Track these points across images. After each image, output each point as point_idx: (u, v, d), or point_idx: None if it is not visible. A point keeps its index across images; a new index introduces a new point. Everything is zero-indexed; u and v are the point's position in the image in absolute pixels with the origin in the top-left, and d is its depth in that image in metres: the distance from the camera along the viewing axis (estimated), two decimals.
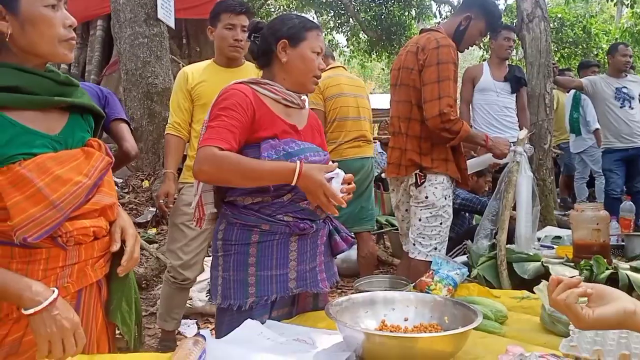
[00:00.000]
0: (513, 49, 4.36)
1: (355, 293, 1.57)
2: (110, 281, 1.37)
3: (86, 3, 6.92)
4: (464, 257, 2.55)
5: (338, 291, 3.86)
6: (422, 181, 2.51)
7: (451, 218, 2.58)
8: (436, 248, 2.51)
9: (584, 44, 11.62)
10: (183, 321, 3.07)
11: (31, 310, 1.08)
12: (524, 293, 1.84)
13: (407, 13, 12.62)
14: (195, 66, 2.81)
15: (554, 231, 3.13)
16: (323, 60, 1.71)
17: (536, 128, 4.25)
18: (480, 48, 11.54)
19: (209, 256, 1.77)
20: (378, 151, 6.13)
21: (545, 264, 2.09)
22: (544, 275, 2.02)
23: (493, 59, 4.21)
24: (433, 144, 2.51)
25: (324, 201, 1.47)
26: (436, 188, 2.50)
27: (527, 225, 2.34)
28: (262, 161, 1.51)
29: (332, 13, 13.49)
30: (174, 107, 2.72)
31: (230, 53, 2.66)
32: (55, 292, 1.12)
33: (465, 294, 1.83)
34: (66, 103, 1.28)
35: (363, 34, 13.53)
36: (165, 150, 2.82)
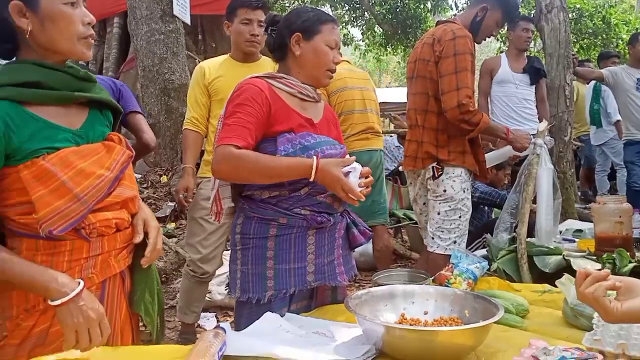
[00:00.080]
0: (531, 40, 4.30)
1: (374, 286, 1.57)
2: (133, 273, 1.39)
3: (103, 0, 6.99)
4: (484, 251, 2.54)
5: (356, 285, 3.86)
6: (440, 174, 2.49)
7: (470, 211, 2.55)
8: (455, 242, 2.49)
9: (604, 35, 11.39)
10: (202, 314, 3.10)
11: (58, 301, 1.11)
12: (545, 287, 1.82)
13: (423, 6, 12.49)
14: (212, 61, 2.82)
15: (575, 224, 3.09)
16: None
17: (556, 120, 4.19)
18: (497, 40, 11.39)
19: (228, 250, 1.78)
20: (395, 145, 6.10)
21: (566, 258, 2.06)
22: (566, 268, 2.00)
23: (511, 51, 4.14)
24: (450, 137, 2.49)
25: (343, 196, 1.49)
26: (454, 181, 2.48)
27: (548, 218, 2.32)
28: (279, 158, 1.50)
29: (347, 7, 13.41)
30: (192, 103, 2.74)
31: (246, 48, 2.67)
32: (81, 284, 1.14)
33: (485, 288, 1.81)
34: (86, 98, 1.29)
35: (378, 28, 13.44)
36: (183, 145, 2.84)
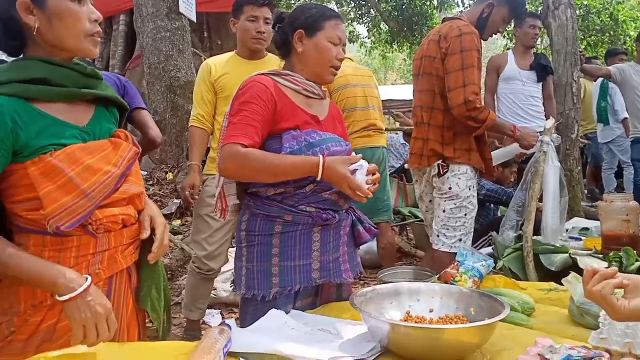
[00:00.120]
0: (538, 37, 4.27)
1: (379, 284, 1.57)
2: (139, 269, 1.40)
3: None
4: (489, 249, 2.53)
5: (361, 282, 3.86)
6: (445, 171, 2.48)
7: (476, 209, 2.54)
8: (461, 239, 2.48)
9: (611, 31, 11.30)
10: (207, 311, 3.11)
11: (66, 296, 1.11)
12: (551, 285, 1.81)
13: (429, 2, 12.43)
14: (218, 58, 2.82)
15: (582, 222, 3.07)
16: None
17: (563, 117, 4.16)
18: (504, 37, 11.33)
19: (233, 247, 1.79)
20: (400, 142, 6.09)
21: (573, 256, 2.05)
22: (572, 267, 1.98)
23: (518, 47, 4.12)
24: (455, 134, 2.48)
25: (350, 193, 1.49)
26: (459, 179, 2.47)
27: (554, 216, 2.31)
28: (285, 156, 1.50)
29: (353, 4, 13.38)
30: (198, 100, 2.74)
31: (252, 45, 2.66)
32: (88, 279, 1.15)
33: (491, 286, 1.81)
34: (93, 95, 1.30)
35: (384, 25, 13.39)
36: (189, 142, 2.84)
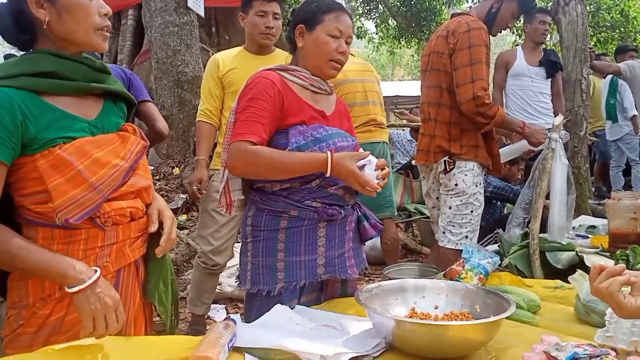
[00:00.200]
0: (548, 33, 4.24)
1: (384, 280, 1.57)
2: (147, 262, 1.40)
3: None
4: (495, 246, 2.52)
5: (366, 279, 3.86)
6: (451, 168, 2.47)
7: (482, 206, 2.53)
8: (467, 236, 2.47)
9: (622, 28, 11.21)
10: (212, 306, 3.12)
11: (76, 288, 1.12)
12: (558, 283, 1.81)
13: None
14: (226, 53, 2.82)
15: (589, 220, 3.06)
16: None
17: (572, 114, 4.12)
18: (513, 33, 11.25)
19: (239, 242, 1.79)
20: (407, 139, 6.08)
21: (579, 254, 2.04)
22: (578, 265, 1.98)
23: (527, 43, 4.09)
24: (462, 130, 2.47)
25: (359, 188, 1.50)
26: (466, 175, 2.46)
27: (561, 213, 2.30)
28: (294, 153, 1.50)
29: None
30: (205, 94, 2.74)
31: (261, 40, 2.66)
32: (97, 271, 1.16)
33: (496, 283, 1.81)
34: (101, 89, 1.31)
35: (392, 20, 13.34)
36: (196, 137, 2.84)
